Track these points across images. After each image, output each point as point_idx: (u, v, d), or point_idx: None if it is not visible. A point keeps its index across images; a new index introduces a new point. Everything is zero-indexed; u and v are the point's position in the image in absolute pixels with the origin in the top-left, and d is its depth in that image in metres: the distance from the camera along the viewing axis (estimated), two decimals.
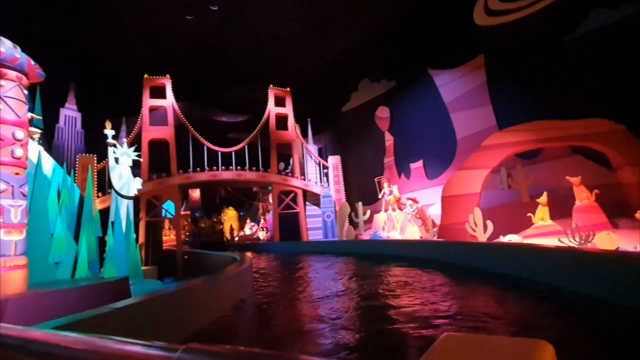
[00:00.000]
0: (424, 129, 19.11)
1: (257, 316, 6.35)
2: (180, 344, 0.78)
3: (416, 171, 19.48)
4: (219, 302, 6.33)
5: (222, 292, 6.69)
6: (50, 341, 0.96)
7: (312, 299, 7.30)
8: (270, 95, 23.74)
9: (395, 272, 9.65)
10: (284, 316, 6.07)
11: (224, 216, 48.60)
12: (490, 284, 7.39)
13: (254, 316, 6.40)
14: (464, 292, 6.74)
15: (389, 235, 17.41)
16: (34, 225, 8.19)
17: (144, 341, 0.83)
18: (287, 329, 5.24)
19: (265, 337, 4.95)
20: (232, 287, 7.20)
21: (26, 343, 1.00)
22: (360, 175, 23.34)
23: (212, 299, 6.23)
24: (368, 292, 7.22)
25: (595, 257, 6.03)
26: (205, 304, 5.87)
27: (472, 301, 5.96)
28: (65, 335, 0.99)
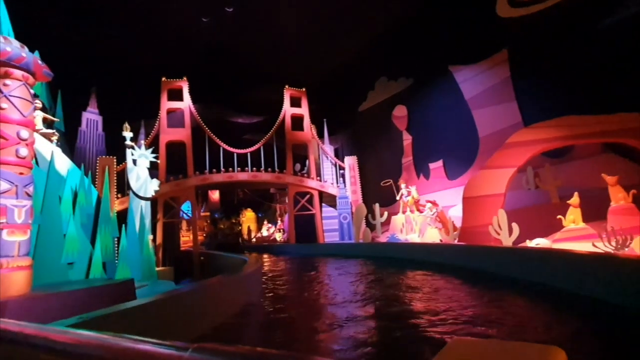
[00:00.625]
0: (443, 128, 18.37)
1: (263, 324, 6.01)
2: (191, 342, 0.77)
3: (436, 171, 18.75)
4: (221, 308, 6.06)
5: (225, 297, 6.42)
6: (63, 339, 0.97)
7: (323, 305, 6.92)
8: (285, 96, 23.58)
9: (414, 278, 9.09)
10: (293, 324, 5.72)
11: (242, 217, 48.96)
12: (516, 292, 6.78)
13: (259, 324, 6.07)
14: (486, 302, 6.17)
15: (407, 238, 16.78)
16: (46, 226, 8.24)
17: (156, 340, 0.83)
18: (294, 338, 4.90)
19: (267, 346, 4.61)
20: (236, 292, 6.92)
21: (40, 340, 1.01)
22: (377, 176, 22.76)
23: (213, 305, 5.97)
24: (384, 298, 6.77)
25: (637, 265, 5.35)
26: (205, 311, 5.62)
27: (496, 313, 5.39)
28: (78, 333, 1.00)
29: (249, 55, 23.97)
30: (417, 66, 19.88)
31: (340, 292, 7.77)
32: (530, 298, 6.33)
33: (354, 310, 5.93)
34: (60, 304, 5.71)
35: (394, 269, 11.14)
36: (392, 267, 11.53)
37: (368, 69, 23.24)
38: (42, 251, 7.93)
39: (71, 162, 11.78)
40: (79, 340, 0.94)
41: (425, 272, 9.78)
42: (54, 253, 8.26)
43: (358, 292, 7.57)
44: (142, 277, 12.10)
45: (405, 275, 9.59)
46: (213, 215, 51.66)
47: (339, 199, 22.33)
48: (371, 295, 7.28)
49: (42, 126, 11.01)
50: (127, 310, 4.00)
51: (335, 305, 6.55)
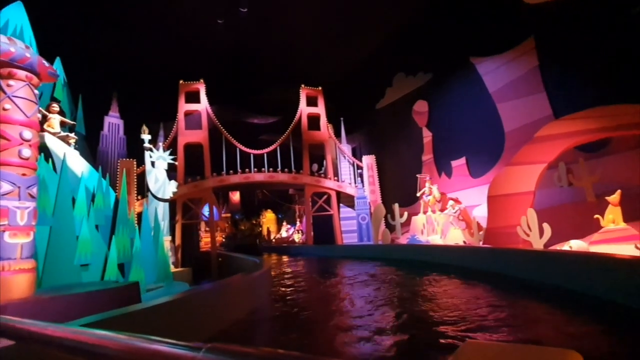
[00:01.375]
0: (466, 123, 17.49)
1: (266, 332, 5.65)
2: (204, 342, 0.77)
3: (458, 169, 17.87)
4: (225, 313, 5.76)
5: (229, 301, 6.11)
6: (78, 338, 0.99)
7: (335, 310, 6.48)
8: (301, 95, 23.29)
9: (435, 283, 8.44)
10: (302, 332, 5.31)
11: (262, 218, 49.26)
12: (549, 302, 6.08)
13: (262, 333, 5.70)
14: (516, 314, 5.51)
15: (428, 239, 16.05)
16: (58, 228, 8.26)
17: (169, 339, 0.83)
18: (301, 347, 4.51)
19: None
20: (241, 296, 6.61)
21: (56, 339, 1.04)
22: (396, 175, 22.07)
23: (217, 309, 5.69)
24: (402, 305, 6.26)
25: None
26: (208, 314, 5.33)
27: (527, 328, 4.77)
28: (93, 332, 1.00)
29: (264, 55, 23.88)
30: (436, 60, 19.07)
31: (358, 303, 7.07)
32: (567, 310, 5.60)
33: (372, 324, 5.43)
34: (62, 307, 5.58)
35: (412, 272, 10.54)
36: (411, 271, 10.92)
37: (385, 65, 22.58)
38: (54, 253, 7.94)
39: (88, 165, 11.92)
40: (94, 340, 0.96)
41: (450, 278, 9.13)
42: (66, 255, 8.26)
43: (376, 303, 6.89)
44: (157, 279, 12.09)
45: (425, 281, 8.98)
46: (234, 216, 52.28)
47: (357, 199, 21.79)
48: (388, 301, 6.78)
49: (59, 129, 11.18)
50: (134, 312, 4.15)
51: (350, 318, 6.08)
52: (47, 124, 10.91)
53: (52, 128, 10.88)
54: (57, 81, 15.01)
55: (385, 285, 8.65)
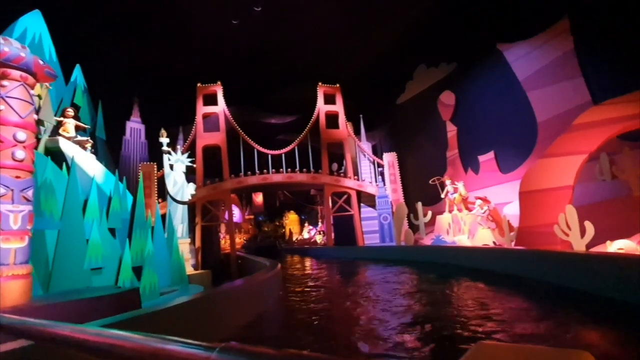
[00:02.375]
0: (493, 115, 16.31)
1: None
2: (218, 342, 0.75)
3: (486, 164, 16.69)
4: (224, 319, 5.30)
5: (228, 309, 5.65)
6: (93, 338, 1.01)
7: (350, 320, 5.88)
8: (319, 93, 22.77)
9: (463, 290, 7.55)
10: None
11: (285, 220, 49.23)
12: (596, 316, 5.17)
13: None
14: (565, 335, 4.66)
15: (454, 240, 15.04)
16: (66, 231, 8.16)
17: (183, 339, 0.83)
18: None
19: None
20: (241, 302, 6.14)
21: (72, 339, 1.07)
22: (419, 173, 21.05)
23: (214, 316, 5.24)
24: (428, 316, 5.56)
25: None
26: (202, 323, 4.89)
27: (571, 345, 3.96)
28: (107, 332, 1.01)
29: (280, 55, 23.58)
30: (460, 48, 17.97)
31: (378, 318, 6.22)
32: (621, 325, 4.68)
33: (396, 342, 4.76)
34: (57, 315, 5.33)
35: (438, 277, 9.69)
36: (436, 275, 10.08)
37: (405, 57, 21.63)
38: (62, 257, 7.84)
39: (104, 168, 11.94)
40: (110, 340, 0.96)
41: (482, 285, 8.25)
42: (75, 259, 8.16)
43: (400, 317, 5.93)
44: (172, 282, 11.93)
45: (452, 287, 8.14)
46: (257, 218, 52.59)
47: (378, 198, 20.98)
48: (413, 311, 6.08)
49: (74, 133, 11.26)
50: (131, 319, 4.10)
51: (368, 337, 5.45)
52: (62, 128, 11.01)
53: (67, 132, 10.97)
54: (77, 88, 15.35)
55: (410, 299, 7.80)
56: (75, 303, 5.53)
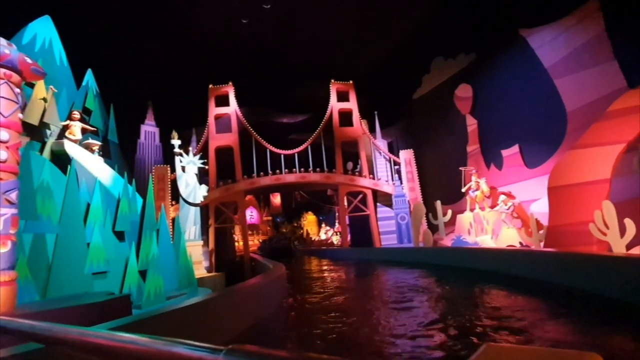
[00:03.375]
0: (517, 106, 15.20)
1: None
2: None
3: (510, 159, 15.58)
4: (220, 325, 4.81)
5: (222, 315, 5.17)
6: (99, 341, 1.02)
7: (356, 334, 5.26)
8: (332, 91, 22.19)
9: (494, 304, 6.45)
10: None
11: (303, 221, 48.89)
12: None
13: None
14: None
15: (476, 241, 14.08)
16: (64, 236, 7.95)
17: (189, 342, 0.83)
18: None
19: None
20: (237, 308, 5.64)
21: (80, 342, 1.09)
22: (438, 170, 20.07)
23: (208, 322, 4.77)
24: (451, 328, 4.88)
25: None
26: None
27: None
28: (113, 334, 1.01)
29: (291, 53, 23.17)
30: (479, 37, 16.92)
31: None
32: None
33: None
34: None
35: (461, 283, 8.87)
36: (459, 281, 9.26)
37: (421, 50, 20.69)
38: (60, 262, 7.63)
39: (112, 171, 11.82)
40: (117, 343, 0.96)
41: (502, 289, 7.42)
42: (75, 263, 7.94)
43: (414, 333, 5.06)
44: (180, 286, 11.66)
45: (477, 296, 7.33)
46: (275, 219, 52.52)
47: (395, 197, 20.16)
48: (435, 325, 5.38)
49: (81, 136, 11.18)
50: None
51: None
52: (69, 131, 10.94)
53: (73, 135, 10.89)
54: (88, 92, 15.42)
55: (428, 310, 7.04)
56: (60, 311, 5.20)
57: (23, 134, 10.12)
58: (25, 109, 10.12)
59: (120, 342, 0.95)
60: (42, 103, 10.29)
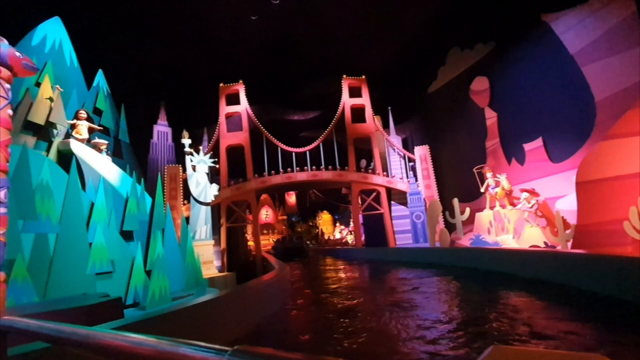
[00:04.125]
0: (540, 96, 14.27)
1: None
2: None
3: (533, 153, 14.65)
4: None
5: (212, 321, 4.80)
6: (108, 342, 1.02)
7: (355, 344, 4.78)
8: (344, 86, 21.64)
9: (524, 313, 5.64)
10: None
11: (318, 220, 48.58)
12: None
13: None
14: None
15: (496, 241, 13.27)
16: (65, 235, 7.81)
17: (194, 342, 0.83)
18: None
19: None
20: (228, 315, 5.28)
21: (87, 342, 1.10)
22: (455, 166, 19.21)
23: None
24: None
25: None
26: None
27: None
28: (122, 335, 1.02)
29: (301, 49, 22.76)
30: (499, 25, 16.00)
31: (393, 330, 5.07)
32: None
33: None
34: None
35: (481, 289, 8.18)
36: (478, 286, 8.58)
37: (436, 42, 19.85)
38: (61, 262, 7.49)
39: (120, 170, 11.73)
40: (124, 343, 0.97)
41: (533, 298, 6.74)
42: (76, 264, 7.79)
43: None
44: (187, 286, 11.45)
45: (500, 308, 6.66)
46: (290, 218, 52.41)
47: (410, 195, 19.46)
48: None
49: (87, 135, 11.12)
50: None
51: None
52: (75, 130, 10.90)
53: (79, 135, 10.84)
54: (99, 92, 15.47)
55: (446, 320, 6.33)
56: (50, 314, 4.96)
57: (29, 133, 10.22)
58: (31, 109, 10.16)
59: (126, 343, 0.96)
60: (48, 102, 10.28)
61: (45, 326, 1.31)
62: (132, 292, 9.79)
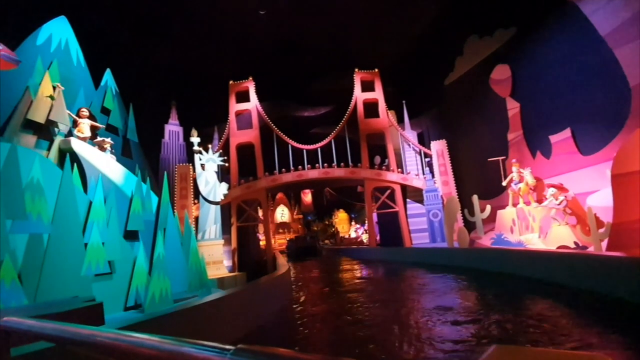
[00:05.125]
0: (567, 83, 13.13)
1: None
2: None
3: (561, 145, 13.50)
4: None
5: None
6: (111, 342, 1.02)
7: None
8: (356, 80, 20.91)
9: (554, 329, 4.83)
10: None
11: (335, 219, 48.02)
12: None
13: None
14: None
15: (520, 240, 12.28)
16: (57, 236, 7.53)
17: (197, 341, 0.83)
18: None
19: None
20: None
21: (91, 342, 1.10)
22: (474, 161, 18.15)
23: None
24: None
25: None
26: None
27: None
28: (125, 335, 1.02)
29: (311, 43, 22.15)
30: (520, 8, 14.89)
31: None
32: None
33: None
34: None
35: (507, 297, 7.33)
36: (503, 293, 7.74)
37: (452, 30, 18.80)
38: (52, 263, 7.21)
39: (124, 169, 11.51)
40: (125, 343, 0.97)
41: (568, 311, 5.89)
42: (70, 265, 7.50)
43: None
44: (190, 288, 11.11)
45: (528, 318, 5.77)
46: (306, 217, 52.05)
47: (426, 192, 18.55)
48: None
49: (89, 133, 10.94)
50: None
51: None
52: (77, 129, 10.74)
53: (81, 133, 10.67)
54: (107, 91, 15.41)
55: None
56: None
57: (29, 132, 10.11)
58: (30, 107, 10.04)
59: (129, 342, 0.96)
60: (48, 101, 10.14)
61: (48, 326, 1.32)
62: (134, 294, 9.50)
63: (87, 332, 1.13)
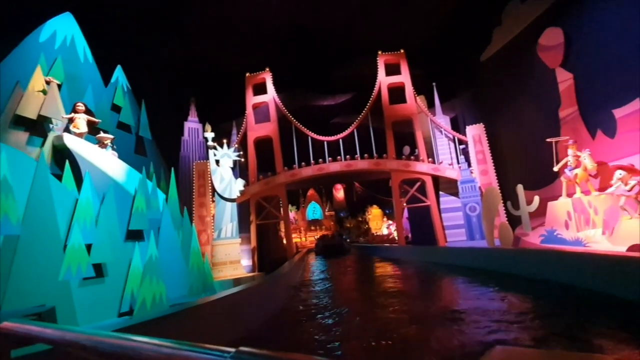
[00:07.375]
0: (634, 46, 10.62)
1: None
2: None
3: (628, 120, 11.00)
4: None
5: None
6: (111, 344, 1.01)
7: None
8: (379, 64, 19.15)
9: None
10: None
11: (368, 215, 46.28)
12: None
13: None
14: None
15: (579, 237, 10.07)
16: (29, 237, 6.83)
17: (196, 344, 0.83)
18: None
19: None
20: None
21: (90, 345, 1.08)
22: (517, 146, 15.77)
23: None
24: None
25: None
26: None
27: None
28: (125, 337, 1.00)
29: (328, 28, 20.67)
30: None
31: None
32: None
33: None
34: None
35: (565, 318, 5.35)
36: (563, 313, 5.82)
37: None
38: (22, 268, 6.50)
39: (126, 166, 10.88)
40: (124, 345, 0.96)
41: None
42: (44, 269, 6.78)
43: None
44: (191, 292, 10.24)
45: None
46: (338, 214, 50.76)
47: (462, 184, 16.46)
48: None
49: (86, 129, 10.40)
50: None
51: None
52: (73, 124, 10.23)
53: (77, 129, 10.14)
54: (118, 88, 15.03)
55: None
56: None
57: (20, 129, 9.69)
58: (20, 103, 9.63)
59: (129, 345, 0.95)
60: (40, 95, 9.68)
61: (48, 330, 1.32)
62: (128, 299, 8.77)
63: (87, 335, 1.13)
